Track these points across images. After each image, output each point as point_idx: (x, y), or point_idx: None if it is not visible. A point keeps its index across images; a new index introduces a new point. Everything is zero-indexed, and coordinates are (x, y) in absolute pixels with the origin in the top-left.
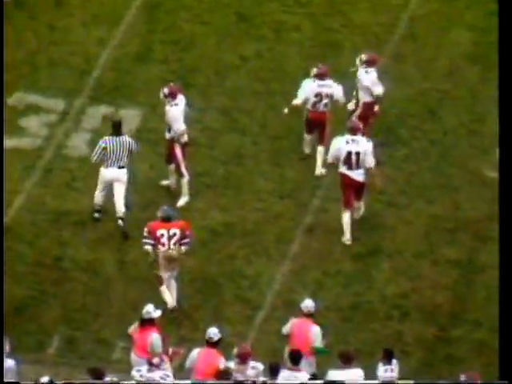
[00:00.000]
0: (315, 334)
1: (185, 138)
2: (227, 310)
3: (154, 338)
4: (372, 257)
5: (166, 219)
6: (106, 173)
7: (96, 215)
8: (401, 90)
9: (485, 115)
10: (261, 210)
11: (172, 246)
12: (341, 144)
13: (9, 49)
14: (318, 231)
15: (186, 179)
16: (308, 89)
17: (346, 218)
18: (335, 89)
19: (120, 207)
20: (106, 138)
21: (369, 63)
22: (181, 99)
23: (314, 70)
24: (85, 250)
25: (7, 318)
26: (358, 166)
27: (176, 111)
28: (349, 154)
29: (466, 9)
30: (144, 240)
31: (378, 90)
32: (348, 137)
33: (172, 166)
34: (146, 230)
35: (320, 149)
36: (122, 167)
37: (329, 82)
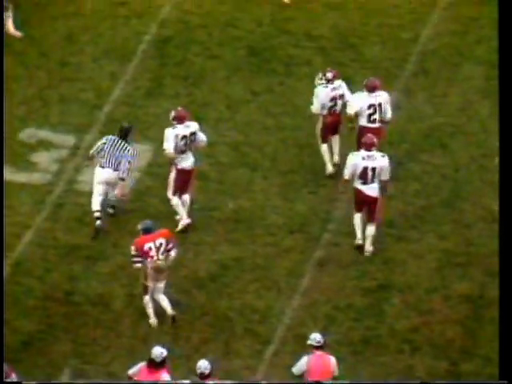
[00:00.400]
0: (335, 364)
1: (182, 165)
2: (237, 344)
3: (166, 378)
4: (383, 291)
5: (148, 230)
6: (101, 172)
7: (98, 223)
8: (412, 125)
9: (497, 150)
10: (271, 245)
11: (160, 257)
12: (357, 160)
13: (20, 85)
14: (329, 265)
15: (173, 202)
16: (324, 96)
17: (357, 219)
18: (344, 89)
19: (113, 196)
20: (110, 136)
21: (366, 87)
22: (187, 125)
23: (329, 75)
24: (95, 284)
25: (15, 352)
26: (372, 181)
27: (170, 132)
28: (365, 169)
29: (477, 43)
30: (133, 259)
31: (349, 109)
32: (364, 152)
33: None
34: (133, 248)
35: (335, 138)
36: (117, 170)
37: (337, 82)
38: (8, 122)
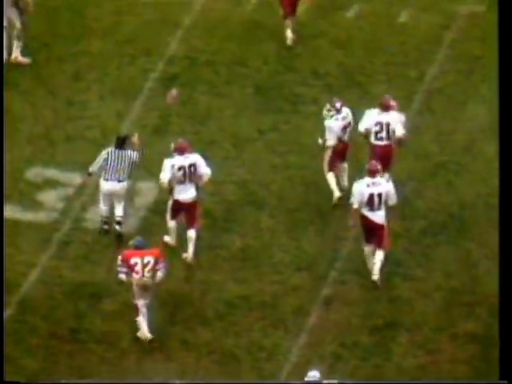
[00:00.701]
0: None
1: (178, 196)
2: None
3: None
4: (389, 330)
5: (139, 247)
6: (105, 185)
7: (105, 227)
8: (418, 163)
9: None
10: (278, 283)
11: (146, 274)
12: (362, 188)
13: (26, 124)
14: (336, 303)
15: (168, 225)
16: (336, 128)
17: (368, 252)
18: (350, 117)
19: (118, 213)
20: (109, 149)
21: (380, 105)
22: (187, 156)
23: (337, 105)
24: (100, 321)
25: None
26: (379, 207)
27: (167, 162)
28: (371, 196)
29: (482, 82)
30: (118, 269)
31: (359, 126)
32: (368, 179)
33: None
34: (119, 258)
35: (344, 166)
36: (121, 181)
37: (345, 111)
38: (14, 161)
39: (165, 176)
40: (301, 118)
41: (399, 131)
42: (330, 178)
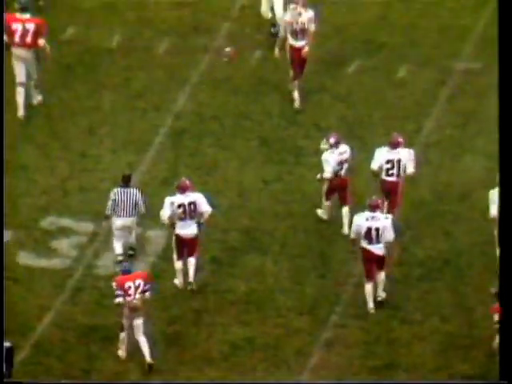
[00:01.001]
0: None
1: (179, 231)
2: None
3: None
4: (388, 370)
5: (127, 272)
6: (117, 221)
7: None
8: (416, 212)
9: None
10: (281, 326)
11: (137, 296)
12: (361, 221)
13: (42, 175)
14: (336, 346)
15: (175, 265)
16: (332, 161)
17: (369, 289)
18: (349, 154)
19: (131, 240)
20: (115, 189)
21: (389, 143)
22: (187, 195)
23: (331, 140)
24: (111, 363)
25: None
26: (378, 241)
27: (167, 200)
28: (369, 229)
29: (477, 135)
30: (116, 293)
31: (372, 164)
32: (368, 214)
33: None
34: (114, 284)
35: (345, 210)
36: (130, 216)
37: (343, 147)
38: (30, 210)
39: (164, 213)
40: (303, 168)
41: (410, 169)
42: (326, 204)
